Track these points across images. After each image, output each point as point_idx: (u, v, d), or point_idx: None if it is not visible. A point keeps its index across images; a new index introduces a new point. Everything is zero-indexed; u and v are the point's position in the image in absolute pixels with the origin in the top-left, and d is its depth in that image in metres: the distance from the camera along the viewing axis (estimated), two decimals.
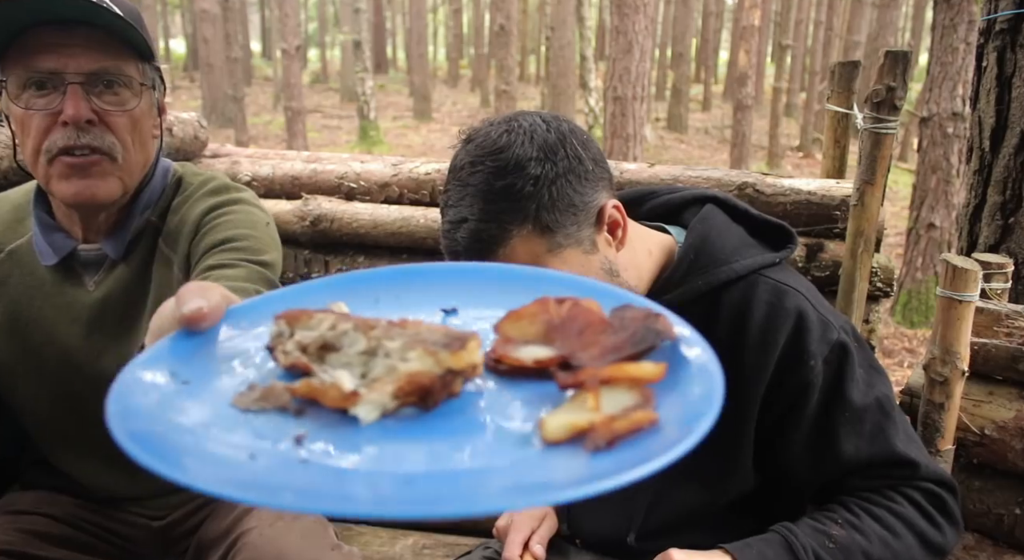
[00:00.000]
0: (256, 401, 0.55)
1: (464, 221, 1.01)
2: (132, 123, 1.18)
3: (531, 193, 1.00)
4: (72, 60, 1.11)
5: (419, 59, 19.22)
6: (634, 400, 0.52)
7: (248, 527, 1.26)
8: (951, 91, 5.39)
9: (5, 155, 1.61)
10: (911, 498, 1.10)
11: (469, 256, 1.01)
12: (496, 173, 1.00)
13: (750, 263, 1.14)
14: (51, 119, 1.12)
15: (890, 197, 6.27)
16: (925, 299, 5.72)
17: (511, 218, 1.00)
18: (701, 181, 1.87)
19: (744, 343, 1.11)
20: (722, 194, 1.26)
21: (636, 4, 7.30)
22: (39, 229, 1.26)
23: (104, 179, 1.16)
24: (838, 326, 1.13)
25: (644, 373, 0.53)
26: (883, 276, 1.76)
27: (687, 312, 1.15)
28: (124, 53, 1.16)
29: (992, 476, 1.53)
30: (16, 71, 1.12)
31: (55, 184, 1.16)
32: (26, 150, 1.16)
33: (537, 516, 1.31)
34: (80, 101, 1.12)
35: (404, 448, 0.51)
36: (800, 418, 1.11)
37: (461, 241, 1.02)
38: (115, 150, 1.16)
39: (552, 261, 1.02)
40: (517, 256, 1.01)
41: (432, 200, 2.07)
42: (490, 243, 1.01)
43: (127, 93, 1.17)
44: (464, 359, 0.54)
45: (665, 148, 14.86)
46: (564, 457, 0.49)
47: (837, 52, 16.46)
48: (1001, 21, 1.98)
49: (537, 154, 1.01)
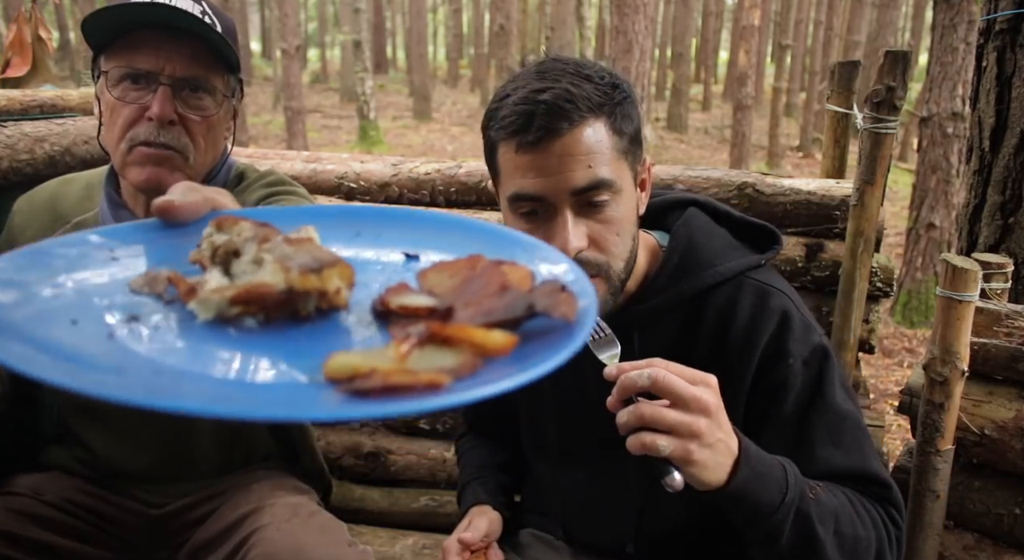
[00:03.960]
0: (142, 283, 0.59)
1: (550, 88, 1.00)
2: (208, 128, 1.29)
3: (611, 93, 1.03)
4: (169, 64, 1.23)
5: (419, 59, 19.21)
6: (453, 363, 0.48)
7: (261, 523, 1.26)
8: (951, 91, 5.39)
9: (5, 155, 1.62)
10: (879, 511, 1.08)
11: (549, 119, 0.99)
12: (581, 65, 1.04)
13: (735, 265, 1.14)
14: (139, 112, 1.24)
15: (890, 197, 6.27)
16: (925, 299, 5.72)
17: (597, 100, 1.01)
18: (701, 181, 1.87)
19: (728, 344, 1.11)
20: (703, 198, 1.26)
21: (636, 4, 7.30)
22: (107, 205, 1.36)
23: (173, 173, 1.26)
24: (819, 332, 1.13)
25: (487, 340, 0.50)
26: (883, 276, 1.76)
27: (674, 316, 1.17)
28: (215, 65, 1.28)
29: (992, 476, 1.53)
30: (118, 63, 1.24)
31: (129, 169, 1.26)
32: (111, 135, 1.27)
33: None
34: (167, 102, 1.23)
35: (203, 349, 0.52)
36: (777, 418, 1.10)
37: (545, 103, 0.98)
38: (188, 150, 1.27)
39: (615, 161, 1.03)
40: (593, 136, 1.01)
41: (432, 200, 2.07)
42: (576, 111, 0.99)
43: (210, 100, 1.28)
44: (311, 282, 0.54)
45: (665, 148, 14.86)
46: (314, 391, 0.47)
47: (837, 52, 16.45)
48: (1001, 21, 1.98)
49: (612, 78, 1.06)
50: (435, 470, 2.03)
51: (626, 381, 0.88)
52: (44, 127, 1.77)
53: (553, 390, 1.27)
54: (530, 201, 1.03)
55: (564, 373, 1.34)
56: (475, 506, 1.32)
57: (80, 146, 1.83)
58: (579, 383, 1.22)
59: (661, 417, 0.86)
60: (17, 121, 1.74)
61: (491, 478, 1.38)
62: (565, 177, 1.00)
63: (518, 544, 1.36)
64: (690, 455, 0.86)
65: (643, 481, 1.21)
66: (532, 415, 1.33)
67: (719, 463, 0.90)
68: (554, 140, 0.99)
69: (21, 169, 1.65)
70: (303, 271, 0.55)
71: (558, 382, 1.26)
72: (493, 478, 1.38)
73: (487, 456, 1.44)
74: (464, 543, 1.21)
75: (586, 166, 1.00)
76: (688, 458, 0.87)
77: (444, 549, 1.23)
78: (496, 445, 1.46)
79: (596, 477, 1.26)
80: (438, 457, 2.02)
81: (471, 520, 1.28)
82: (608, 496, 1.25)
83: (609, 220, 1.04)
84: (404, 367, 0.47)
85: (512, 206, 1.06)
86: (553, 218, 1.03)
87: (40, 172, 1.68)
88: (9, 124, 1.70)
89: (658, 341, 1.16)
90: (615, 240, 1.05)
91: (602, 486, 1.26)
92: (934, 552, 1.51)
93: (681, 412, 0.87)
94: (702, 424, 0.87)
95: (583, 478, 1.27)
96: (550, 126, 0.98)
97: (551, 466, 1.32)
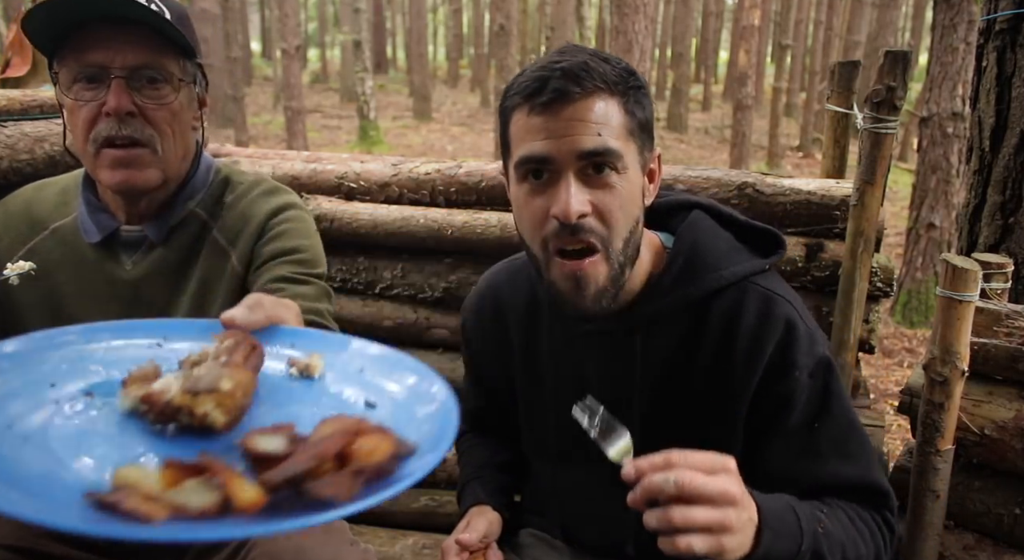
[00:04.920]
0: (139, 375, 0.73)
1: (568, 60, 1.02)
2: (171, 116, 1.26)
3: (626, 77, 1.05)
4: (118, 55, 1.20)
5: (419, 59, 19.21)
6: (202, 505, 0.55)
7: None
8: (951, 91, 5.38)
9: (5, 155, 1.62)
10: (875, 519, 1.12)
11: (564, 82, 1.01)
12: (603, 53, 1.07)
13: (739, 270, 1.14)
14: (97, 110, 1.21)
15: (890, 197, 6.27)
16: (925, 299, 5.72)
17: (613, 78, 1.03)
18: (701, 181, 1.87)
19: (733, 351, 1.11)
20: (706, 200, 1.26)
21: (636, 4, 7.30)
22: (86, 209, 1.34)
23: (144, 170, 1.25)
24: (822, 341, 1.14)
25: (236, 492, 0.57)
26: (883, 276, 1.76)
27: (677, 319, 1.17)
28: (167, 50, 1.24)
29: (992, 476, 1.53)
30: (69, 64, 1.21)
31: (101, 172, 1.25)
32: (77, 139, 1.25)
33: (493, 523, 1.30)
34: (122, 94, 1.20)
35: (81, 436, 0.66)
36: (785, 429, 1.11)
37: (562, 68, 1.01)
38: (154, 141, 1.25)
39: (625, 139, 1.05)
40: (606, 107, 1.03)
41: (432, 200, 2.07)
42: (591, 79, 1.01)
43: (167, 88, 1.25)
44: (185, 401, 0.66)
45: (665, 148, 14.86)
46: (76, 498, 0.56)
47: (837, 52, 16.45)
48: (1001, 21, 1.98)
49: (630, 68, 1.07)
50: (435, 470, 2.02)
51: (651, 487, 0.86)
52: (44, 127, 1.77)
53: (554, 387, 1.27)
54: (537, 163, 1.04)
55: (565, 372, 1.34)
56: (474, 506, 1.32)
57: None
58: (579, 380, 1.22)
59: (693, 521, 0.85)
60: (17, 121, 1.74)
61: (491, 478, 1.38)
62: (573, 139, 1.01)
63: (518, 544, 1.36)
64: (723, 547, 0.87)
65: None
66: (532, 415, 1.33)
67: (746, 539, 0.91)
68: (566, 104, 1.01)
69: (21, 169, 1.66)
70: (184, 390, 0.66)
71: (559, 381, 1.27)
72: (493, 478, 1.38)
73: (487, 456, 1.44)
74: (462, 544, 1.21)
75: (595, 133, 1.01)
76: (721, 550, 0.87)
77: (443, 549, 1.23)
78: (497, 445, 1.46)
79: (596, 478, 1.26)
80: None
81: (470, 520, 1.27)
82: (608, 496, 1.25)
83: (613, 191, 1.04)
84: (158, 494, 0.56)
85: (518, 171, 1.07)
86: (557, 182, 1.03)
87: (40, 172, 1.69)
88: (9, 124, 1.70)
89: (661, 344, 1.16)
90: (617, 213, 1.04)
91: (602, 487, 1.25)
92: (934, 552, 1.51)
93: (710, 509, 0.86)
94: (731, 516, 0.87)
95: (582, 478, 1.27)
96: (564, 89, 1.00)
97: (551, 466, 1.32)
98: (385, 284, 2.07)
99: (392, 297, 2.08)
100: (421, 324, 2.05)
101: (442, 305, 2.06)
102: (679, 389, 1.16)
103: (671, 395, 1.17)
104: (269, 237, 1.35)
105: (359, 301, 2.09)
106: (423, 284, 2.04)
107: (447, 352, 2.05)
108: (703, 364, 1.14)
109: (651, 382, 1.18)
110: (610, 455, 0.96)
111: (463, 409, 1.63)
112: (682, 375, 1.16)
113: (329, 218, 2.03)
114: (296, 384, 0.80)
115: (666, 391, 1.17)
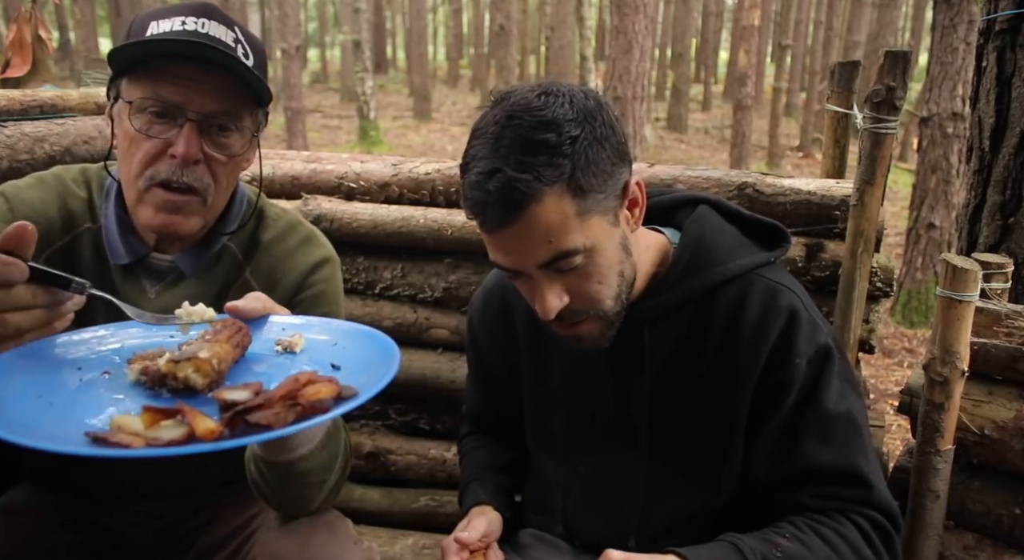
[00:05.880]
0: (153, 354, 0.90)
1: (498, 171, 0.97)
2: (233, 167, 1.23)
3: (569, 152, 0.98)
4: (197, 97, 1.14)
5: (419, 59, 19.21)
6: (175, 435, 0.73)
7: (267, 521, 1.25)
8: (951, 91, 5.39)
9: (5, 155, 1.62)
10: (858, 524, 1.10)
11: (499, 210, 0.98)
12: (535, 127, 0.97)
13: (745, 263, 1.15)
14: (162, 148, 1.16)
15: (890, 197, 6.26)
16: (925, 299, 5.72)
17: (548, 173, 0.97)
18: (701, 181, 1.87)
19: (738, 341, 1.12)
20: (712, 196, 1.27)
21: (636, 4, 7.30)
22: (116, 226, 1.27)
23: (189, 217, 1.20)
24: (826, 330, 1.14)
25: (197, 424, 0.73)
26: (883, 276, 1.76)
27: (683, 312, 1.17)
28: (245, 100, 1.19)
29: (992, 476, 1.53)
30: (143, 93, 1.15)
31: (143, 210, 1.19)
32: (128, 167, 1.18)
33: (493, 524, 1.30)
34: (193, 141, 1.15)
35: (95, 395, 0.84)
36: (774, 415, 1.12)
37: (493, 192, 0.97)
38: (208, 191, 1.20)
39: (579, 226, 1.00)
40: (547, 214, 0.98)
41: (432, 200, 2.07)
42: (524, 196, 0.97)
43: (237, 138, 1.21)
44: (170, 368, 0.83)
45: (665, 148, 14.86)
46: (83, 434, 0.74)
47: (837, 52, 16.44)
48: (1001, 21, 1.98)
49: (576, 116, 0.99)
50: (435, 470, 2.03)
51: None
52: (44, 127, 1.77)
53: (560, 380, 1.27)
54: (506, 271, 1.08)
55: (572, 364, 1.36)
56: (475, 506, 1.32)
57: (80, 146, 1.83)
58: (587, 374, 1.23)
59: None
60: (17, 121, 1.74)
61: (492, 479, 1.38)
62: (527, 255, 1.02)
63: (519, 544, 1.36)
64: None
65: (649, 473, 1.21)
66: (538, 406, 1.33)
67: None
68: (509, 227, 1.00)
69: (21, 169, 1.65)
70: (170, 359, 0.83)
71: (566, 373, 1.27)
72: (494, 479, 1.38)
73: (489, 457, 1.44)
74: (461, 543, 1.22)
75: (546, 242, 1.00)
76: None
77: (443, 548, 1.24)
78: (499, 446, 1.46)
79: (600, 469, 1.26)
80: (438, 457, 2.02)
81: (471, 520, 1.28)
82: (612, 489, 1.26)
83: (586, 276, 1.05)
84: (140, 431, 0.73)
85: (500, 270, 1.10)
86: (530, 281, 1.06)
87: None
88: (9, 124, 1.70)
89: (668, 337, 1.17)
90: (596, 288, 1.06)
91: (607, 478, 1.26)
92: (934, 552, 1.51)
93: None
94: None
95: (587, 470, 1.28)
96: (502, 217, 0.99)
97: (555, 460, 1.32)
98: (385, 284, 2.07)
99: (392, 297, 2.08)
100: (421, 324, 2.05)
101: (442, 305, 2.06)
102: (686, 380, 1.17)
103: (679, 387, 1.18)
104: (303, 297, 1.31)
105: (359, 301, 2.09)
106: (423, 284, 2.04)
107: (447, 352, 2.05)
108: (710, 355, 1.15)
109: (659, 374, 1.18)
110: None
111: (466, 410, 1.64)
112: (689, 367, 1.17)
113: (329, 218, 2.03)
114: (280, 358, 0.96)
115: (674, 383, 1.18)
